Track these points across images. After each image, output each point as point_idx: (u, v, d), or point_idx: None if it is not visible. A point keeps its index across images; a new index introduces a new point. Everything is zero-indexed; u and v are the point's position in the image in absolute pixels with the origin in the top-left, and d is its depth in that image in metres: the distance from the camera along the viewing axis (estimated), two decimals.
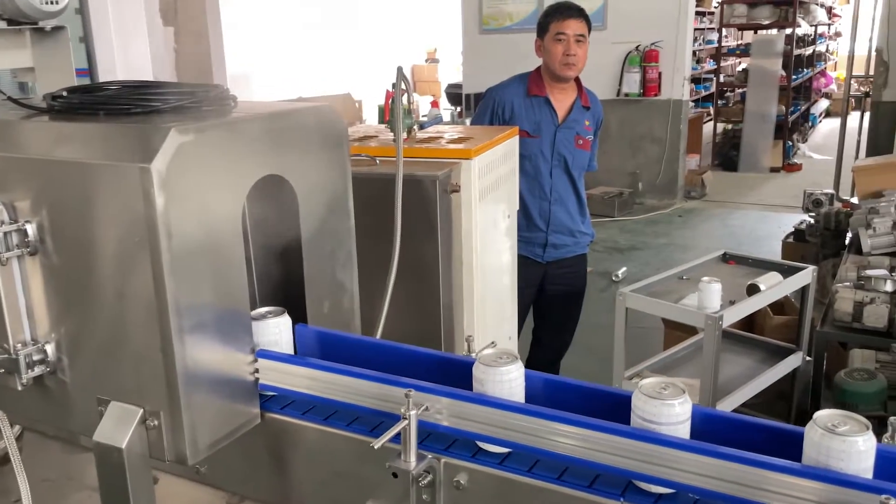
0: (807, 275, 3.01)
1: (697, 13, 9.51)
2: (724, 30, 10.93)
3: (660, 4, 7.98)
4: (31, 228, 1.06)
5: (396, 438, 0.97)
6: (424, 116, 2.60)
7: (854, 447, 0.80)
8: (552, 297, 3.24)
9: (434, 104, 12.77)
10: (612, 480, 0.94)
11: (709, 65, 11.55)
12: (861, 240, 3.68)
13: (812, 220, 4.85)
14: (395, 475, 0.98)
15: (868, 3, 7.53)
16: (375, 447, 0.96)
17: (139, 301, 0.99)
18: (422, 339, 1.27)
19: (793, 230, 5.27)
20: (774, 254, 5.19)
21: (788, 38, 9.99)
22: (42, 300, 1.09)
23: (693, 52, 9.33)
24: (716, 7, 11.03)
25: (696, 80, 10.79)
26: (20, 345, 1.09)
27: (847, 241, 4.22)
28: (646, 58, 8.09)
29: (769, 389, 3.02)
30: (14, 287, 1.08)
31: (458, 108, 10.50)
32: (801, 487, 0.81)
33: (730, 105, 11.60)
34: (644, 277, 3.11)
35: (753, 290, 2.80)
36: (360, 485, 1.10)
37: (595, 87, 3.26)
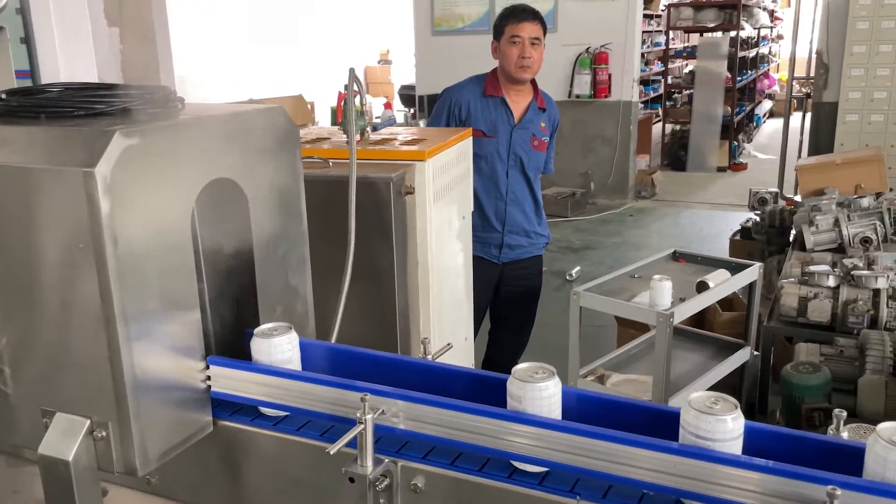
0: (753, 272, 3.08)
1: (645, 16, 9.68)
2: (671, 32, 11.16)
3: (609, 7, 8.10)
4: None
5: (354, 443, 0.97)
6: (378, 118, 2.58)
7: None
8: (508, 298, 3.26)
9: (387, 106, 12.71)
10: (659, 499, 0.92)
11: (657, 67, 11.77)
12: (804, 237, 3.78)
13: (758, 218, 4.96)
14: (352, 480, 0.97)
15: (808, 7, 7.75)
16: (331, 452, 0.95)
17: (85, 309, 0.97)
18: (377, 343, 1.27)
19: (740, 228, 5.39)
20: (722, 251, 5.31)
21: (733, 41, 10.24)
22: None
23: (641, 55, 9.49)
24: (663, 10, 11.24)
25: (645, 82, 10.98)
26: None
27: (791, 238, 4.33)
28: (596, 60, 8.20)
29: (719, 384, 3.08)
30: None
31: (412, 110, 10.49)
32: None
33: (678, 106, 11.83)
34: (597, 276, 3.14)
35: (703, 288, 2.86)
36: (317, 491, 1.09)
37: (547, 89, 3.29)
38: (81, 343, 0.99)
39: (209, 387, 1.13)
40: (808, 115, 7.35)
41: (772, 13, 13.76)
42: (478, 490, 0.98)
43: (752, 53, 11.89)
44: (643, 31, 9.50)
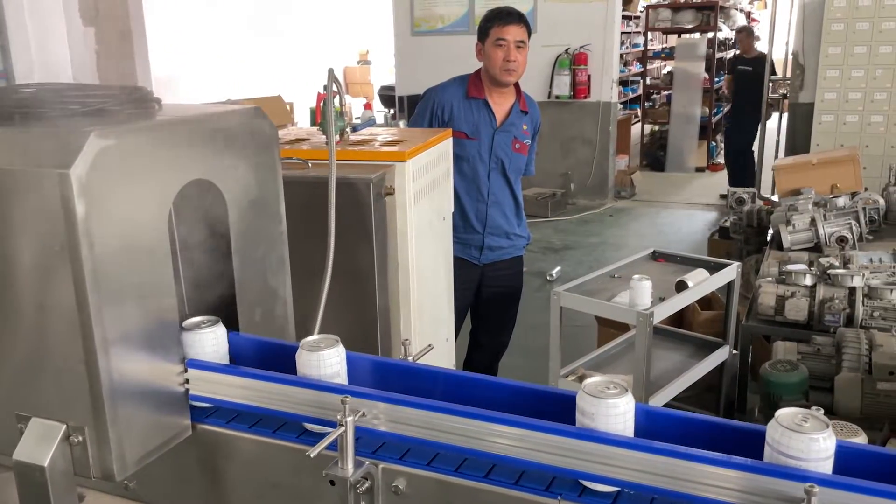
0: (732, 271, 3.11)
1: (624, 17, 9.73)
2: (650, 34, 11.23)
3: (588, 8, 8.14)
4: None
5: (334, 445, 0.96)
6: (357, 119, 2.58)
7: None
8: (489, 299, 3.26)
9: (367, 106, 12.68)
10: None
11: (636, 68, 11.83)
12: (781, 236, 3.82)
13: (736, 218, 5.01)
14: (333, 483, 0.97)
15: (784, 8, 7.84)
16: (312, 455, 0.94)
17: (60, 312, 0.95)
18: (358, 344, 1.26)
19: (718, 228, 5.44)
20: (701, 251, 5.35)
21: (710, 42, 10.34)
22: None
23: (620, 56, 9.55)
24: (641, 11, 11.31)
25: (624, 83, 11.03)
26: None
27: (769, 238, 4.38)
28: (575, 61, 8.24)
29: (699, 382, 3.11)
30: None
31: (392, 111, 10.47)
32: None
33: (656, 107, 11.90)
34: (577, 276, 3.15)
35: (682, 287, 2.88)
36: (297, 494, 1.08)
37: (526, 89, 3.29)
38: (57, 347, 0.97)
39: (187, 390, 1.12)
40: (785, 116, 7.42)
41: (748, 14, 13.90)
42: (458, 491, 0.98)
43: (730, 54, 12.00)
44: (622, 33, 9.56)
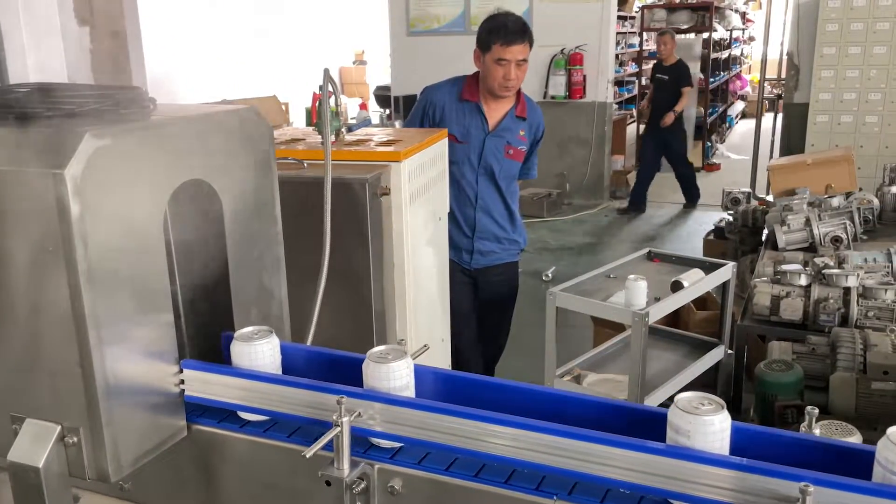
0: (727, 271, 3.11)
1: (619, 17, 9.74)
2: (645, 34, 11.24)
3: (583, 9, 8.14)
4: None
5: (330, 446, 0.96)
6: (353, 119, 2.57)
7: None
8: (483, 305, 3.23)
9: (362, 106, 12.70)
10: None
11: (631, 68, 11.85)
12: (776, 236, 3.83)
13: (731, 218, 5.01)
14: (329, 483, 0.96)
15: (779, 9, 7.86)
16: (307, 456, 0.94)
17: (55, 313, 0.95)
18: (354, 344, 1.26)
19: (713, 228, 5.45)
20: (696, 251, 5.36)
21: (706, 43, 10.35)
22: None
23: (616, 56, 9.55)
24: (636, 12, 11.32)
25: (620, 83, 11.04)
26: None
27: (764, 238, 4.38)
28: (571, 61, 8.24)
29: (694, 382, 3.11)
30: None
31: (387, 111, 10.46)
32: None
33: None
34: (573, 276, 3.15)
35: (677, 287, 2.88)
36: (293, 495, 1.08)
37: (522, 89, 3.27)
38: (52, 347, 0.97)
39: (183, 391, 1.12)
40: (780, 116, 7.44)
41: (743, 15, 13.93)
42: (453, 491, 0.97)
43: (725, 55, 12.03)
44: (617, 33, 9.57)
